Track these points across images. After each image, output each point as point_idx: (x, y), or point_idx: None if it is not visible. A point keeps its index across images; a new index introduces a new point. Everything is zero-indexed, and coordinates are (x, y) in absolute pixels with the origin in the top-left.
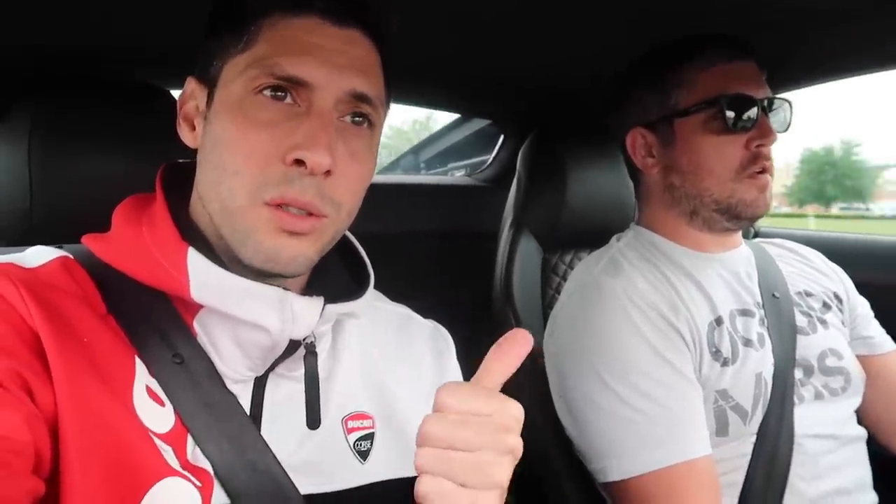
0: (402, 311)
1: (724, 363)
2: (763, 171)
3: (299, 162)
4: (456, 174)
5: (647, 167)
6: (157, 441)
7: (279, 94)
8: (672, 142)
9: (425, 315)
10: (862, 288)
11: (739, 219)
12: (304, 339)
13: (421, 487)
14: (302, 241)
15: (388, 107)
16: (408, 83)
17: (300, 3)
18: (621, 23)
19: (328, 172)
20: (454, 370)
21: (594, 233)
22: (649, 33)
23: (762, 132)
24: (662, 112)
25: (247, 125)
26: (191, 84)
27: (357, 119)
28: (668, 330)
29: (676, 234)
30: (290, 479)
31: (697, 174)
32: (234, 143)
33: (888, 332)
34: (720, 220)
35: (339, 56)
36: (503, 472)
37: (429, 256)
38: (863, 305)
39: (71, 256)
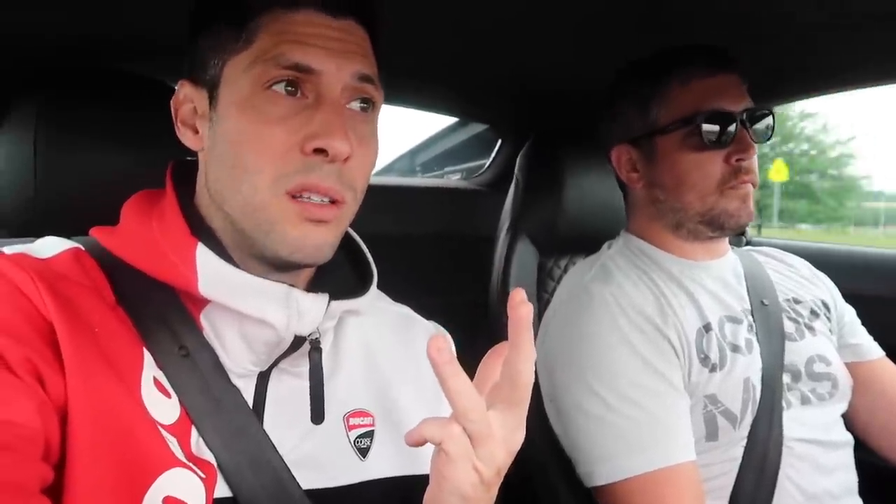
0: (404, 311)
1: (713, 369)
2: (744, 181)
3: (318, 151)
4: (452, 178)
5: (631, 182)
6: (164, 432)
7: (289, 88)
8: (654, 158)
9: (422, 317)
10: (848, 298)
11: (723, 229)
12: (308, 335)
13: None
14: (325, 229)
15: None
16: (408, 86)
17: None
18: (618, 30)
19: (347, 158)
20: None
21: (590, 238)
22: (645, 41)
23: (741, 147)
24: (644, 129)
25: (260, 122)
26: (184, 87)
27: (363, 105)
28: (656, 337)
29: (664, 243)
30: (291, 473)
31: (679, 190)
32: (250, 140)
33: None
34: (705, 231)
35: (339, 43)
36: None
37: (425, 259)
38: (849, 313)
39: (82, 248)
